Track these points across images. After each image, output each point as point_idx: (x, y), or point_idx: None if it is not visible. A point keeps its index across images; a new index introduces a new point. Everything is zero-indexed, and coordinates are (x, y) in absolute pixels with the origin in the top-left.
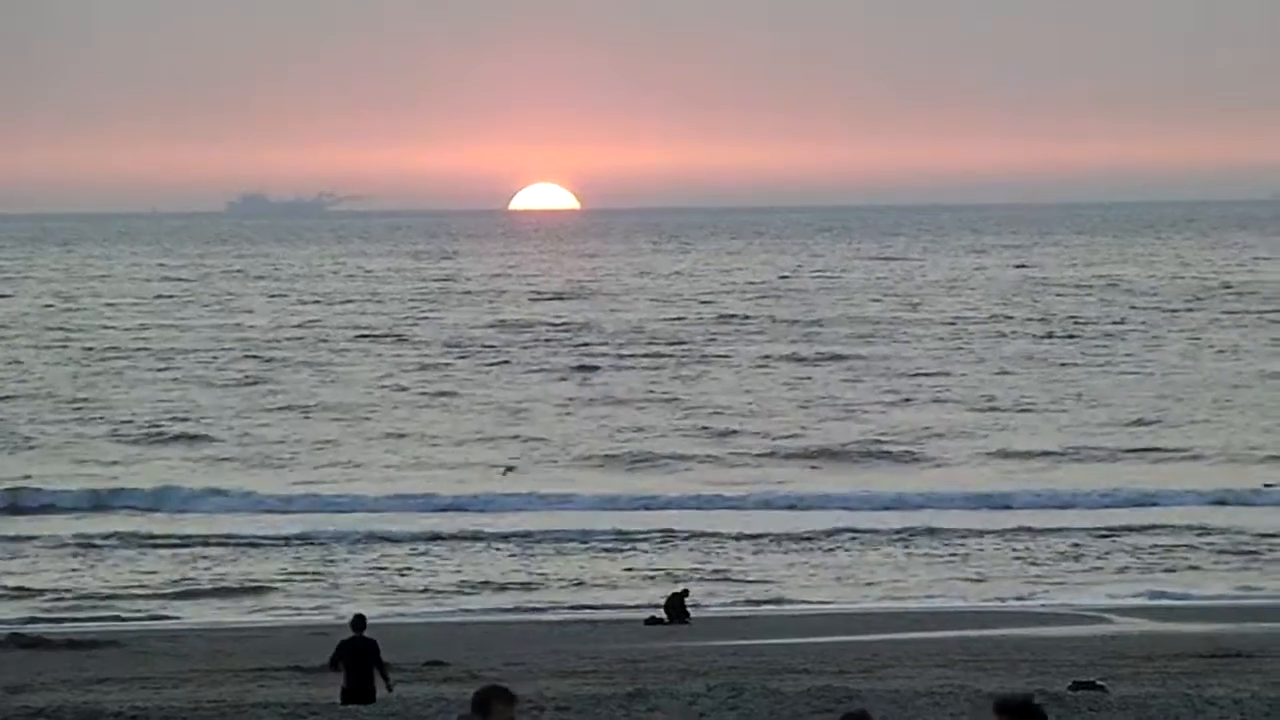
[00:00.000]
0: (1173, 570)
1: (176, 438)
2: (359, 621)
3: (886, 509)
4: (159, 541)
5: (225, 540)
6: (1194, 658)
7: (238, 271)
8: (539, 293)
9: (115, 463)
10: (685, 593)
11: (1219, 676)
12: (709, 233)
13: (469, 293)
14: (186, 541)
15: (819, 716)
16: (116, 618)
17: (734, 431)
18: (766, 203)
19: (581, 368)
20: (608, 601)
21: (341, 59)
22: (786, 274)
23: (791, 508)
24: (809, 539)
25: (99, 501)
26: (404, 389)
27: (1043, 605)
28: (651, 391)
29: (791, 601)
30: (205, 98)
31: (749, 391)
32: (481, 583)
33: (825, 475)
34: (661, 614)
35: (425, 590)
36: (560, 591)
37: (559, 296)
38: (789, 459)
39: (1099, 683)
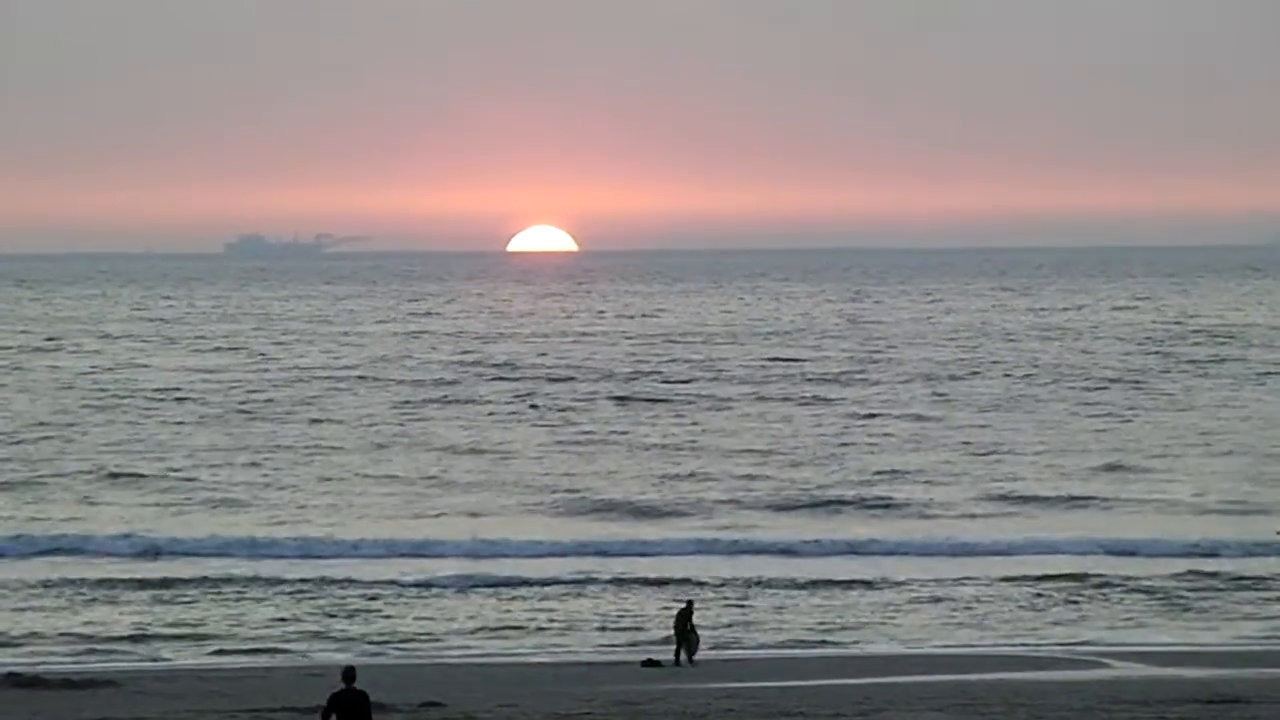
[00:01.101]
0: (1168, 615)
1: (142, 476)
2: (349, 673)
3: (880, 554)
4: (148, 584)
5: (221, 582)
6: (1192, 703)
7: (213, 310)
8: (510, 334)
9: (91, 503)
10: (690, 605)
11: None
12: (702, 274)
13: (434, 333)
14: (169, 584)
15: None
16: (112, 657)
17: (706, 475)
18: (763, 245)
19: (532, 406)
20: (603, 644)
21: (341, 102)
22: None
23: (785, 553)
24: (804, 584)
25: (102, 546)
26: (372, 427)
27: (1039, 649)
28: (626, 433)
29: (788, 645)
30: (204, 139)
31: (736, 433)
32: (478, 627)
33: (820, 520)
34: (660, 656)
35: (424, 633)
36: (555, 635)
37: (535, 337)
38: (784, 507)
39: None
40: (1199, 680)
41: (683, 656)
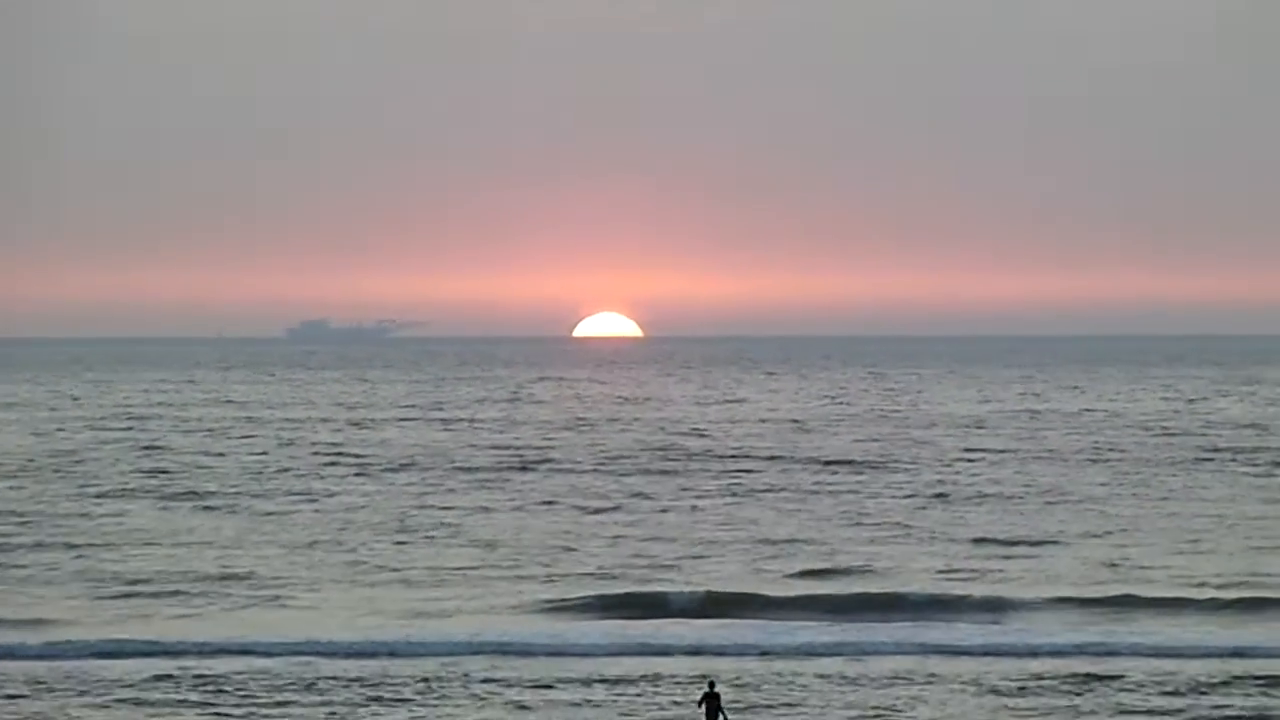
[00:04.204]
0: None
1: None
2: None
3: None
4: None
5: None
6: None
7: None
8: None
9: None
10: (713, 686)
11: None
12: (771, 361)
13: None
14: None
15: None
16: None
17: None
18: (828, 331)
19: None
20: None
21: (405, 186)
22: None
23: (810, 654)
24: (843, 676)
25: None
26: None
27: None
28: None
29: None
30: (267, 223)
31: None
32: None
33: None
34: None
35: None
36: None
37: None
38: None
39: None
40: None
41: None
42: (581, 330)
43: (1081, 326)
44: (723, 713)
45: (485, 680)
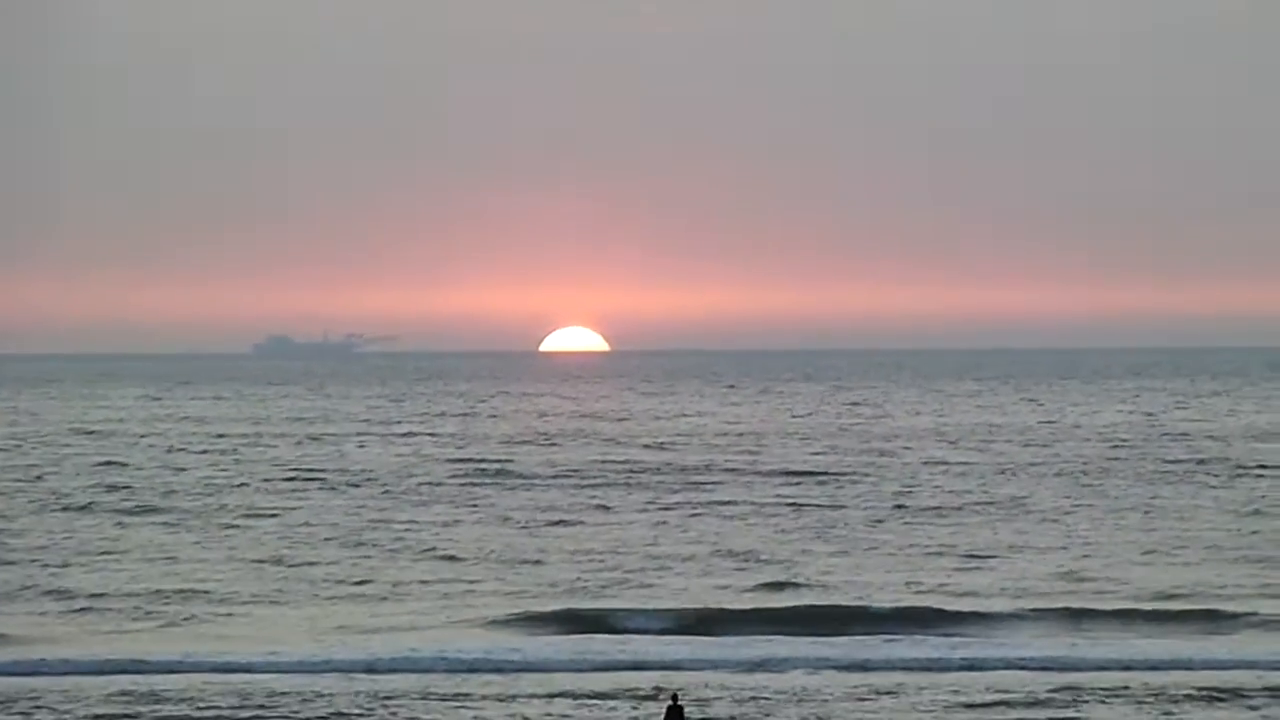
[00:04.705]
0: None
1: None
2: None
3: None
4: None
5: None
6: None
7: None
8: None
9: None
10: (676, 698)
11: None
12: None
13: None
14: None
15: None
16: None
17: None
18: (795, 345)
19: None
20: None
21: (370, 201)
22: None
23: (771, 669)
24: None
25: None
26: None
27: None
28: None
29: None
30: (230, 239)
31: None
32: None
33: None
34: None
35: None
36: None
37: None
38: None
39: None
40: None
41: None
42: (549, 345)
43: (1039, 339)
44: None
45: (448, 696)
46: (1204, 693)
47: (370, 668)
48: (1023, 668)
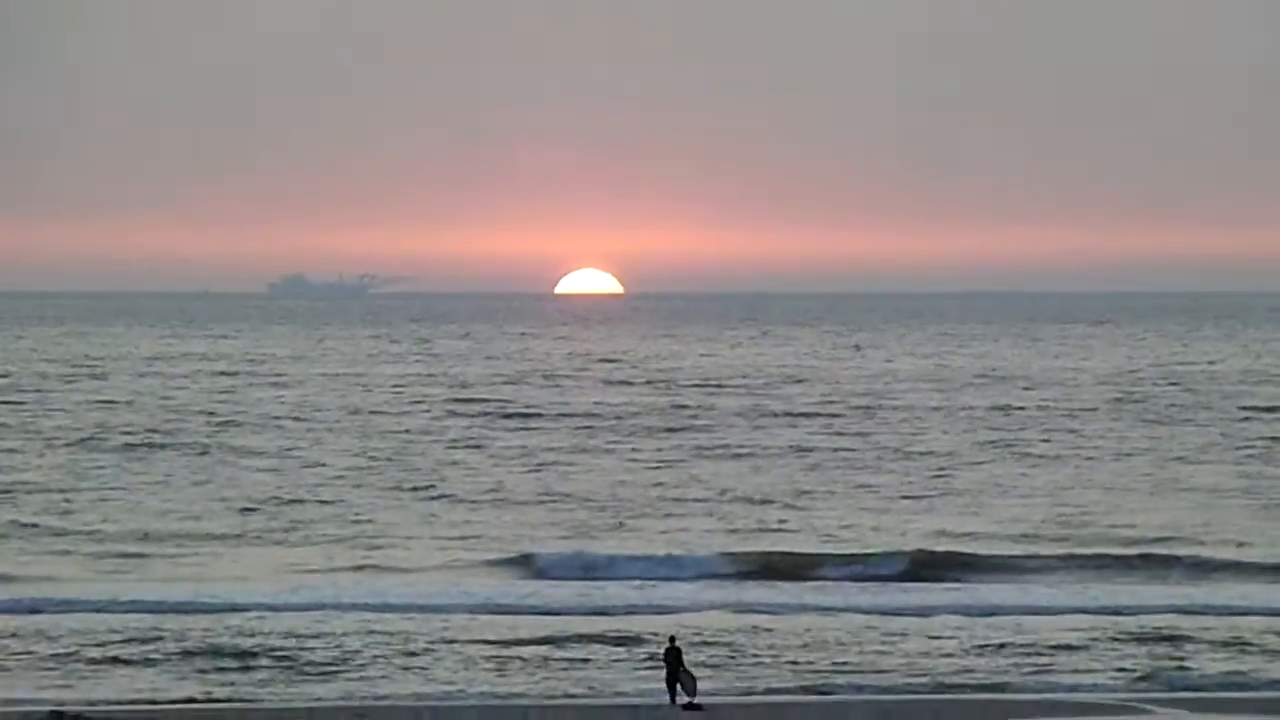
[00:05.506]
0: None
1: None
2: None
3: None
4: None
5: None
6: None
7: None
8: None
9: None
10: (673, 641)
11: None
12: (738, 318)
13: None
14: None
15: None
16: (152, 701)
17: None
18: (811, 288)
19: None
20: (649, 688)
21: (387, 142)
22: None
23: (803, 609)
24: (847, 627)
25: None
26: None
27: (1083, 694)
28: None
29: (829, 689)
30: (248, 178)
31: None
32: (519, 665)
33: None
34: (696, 700)
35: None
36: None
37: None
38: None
39: None
40: None
41: (680, 698)
42: (563, 286)
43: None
44: (684, 668)
45: (448, 640)
46: (1204, 633)
47: (372, 608)
48: (1027, 613)
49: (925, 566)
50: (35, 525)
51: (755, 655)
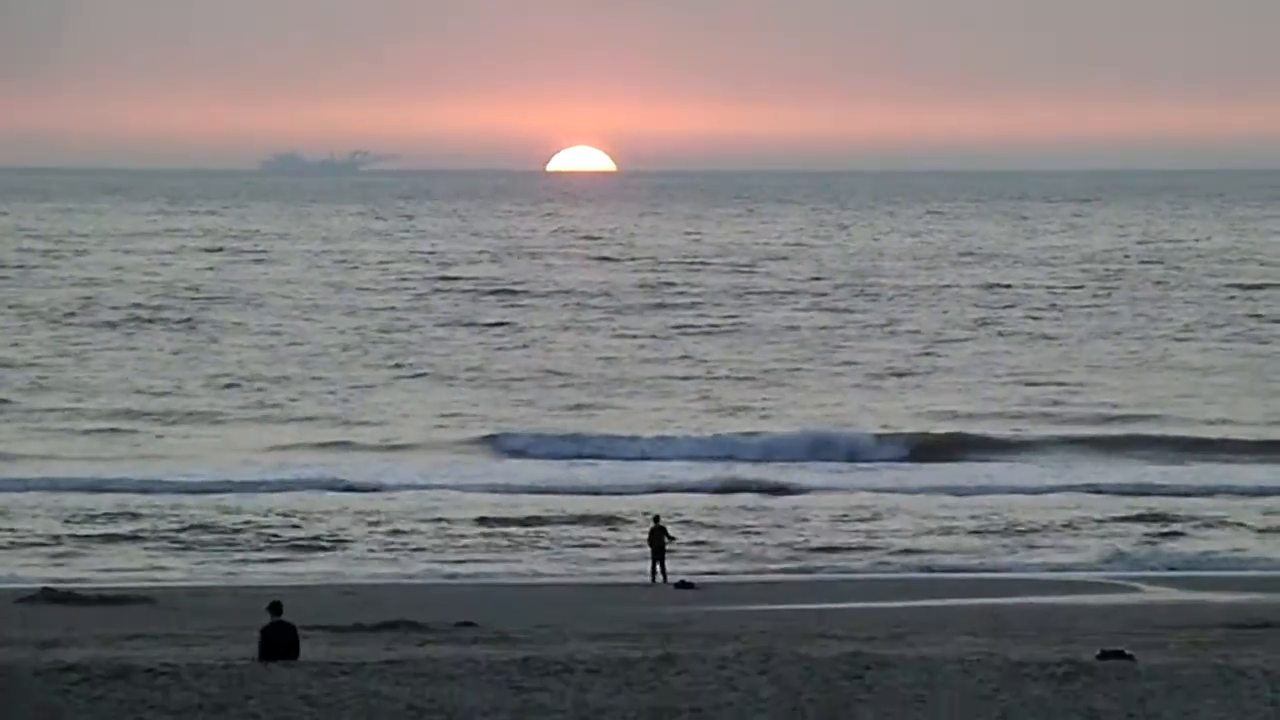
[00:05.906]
0: (1196, 540)
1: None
2: (277, 607)
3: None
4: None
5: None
6: (1223, 628)
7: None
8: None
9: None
10: (658, 520)
11: (1249, 647)
12: (728, 196)
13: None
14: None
15: (848, 682)
16: (149, 573)
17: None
18: (801, 166)
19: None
20: (637, 567)
21: (379, 15)
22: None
23: (803, 491)
24: (831, 509)
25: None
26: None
27: (1071, 573)
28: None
29: (819, 569)
30: (237, 54)
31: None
32: (507, 546)
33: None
34: (689, 579)
35: (458, 551)
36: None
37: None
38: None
39: (1127, 652)
40: (1231, 605)
41: (658, 576)
42: (555, 164)
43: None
44: (666, 549)
45: (431, 518)
46: (1191, 510)
47: (358, 488)
48: (1015, 492)
49: (916, 447)
50: (18, 403)
51: (745, 534)
